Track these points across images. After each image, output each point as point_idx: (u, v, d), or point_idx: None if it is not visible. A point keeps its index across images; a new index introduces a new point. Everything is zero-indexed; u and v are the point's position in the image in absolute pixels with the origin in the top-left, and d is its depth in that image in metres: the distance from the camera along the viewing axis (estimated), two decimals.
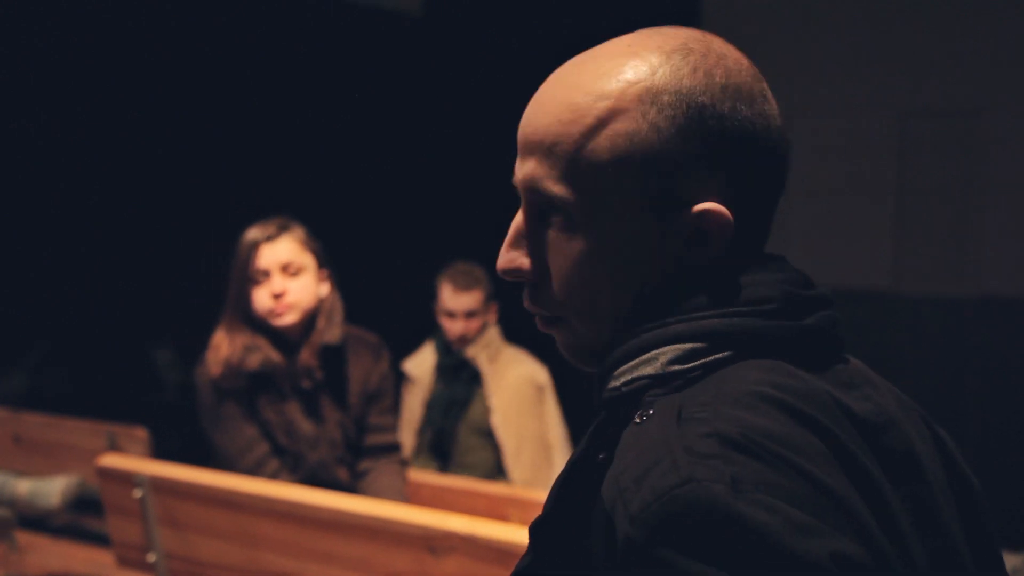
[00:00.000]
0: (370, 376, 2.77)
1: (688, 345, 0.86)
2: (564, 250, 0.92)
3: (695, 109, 0.88)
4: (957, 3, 5.99)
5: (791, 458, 0.76)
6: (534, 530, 0.94)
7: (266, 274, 2.63)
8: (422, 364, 3.92)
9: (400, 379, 3.66)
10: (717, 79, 0.89)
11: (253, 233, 2.66)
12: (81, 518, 3.15)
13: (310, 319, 2.68)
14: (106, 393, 5.15)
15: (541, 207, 0.93)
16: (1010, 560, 2.71)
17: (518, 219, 0.96)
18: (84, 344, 5.45)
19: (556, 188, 0.91)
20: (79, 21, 5.23)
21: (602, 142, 0.89)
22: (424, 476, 3.29)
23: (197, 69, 5.60)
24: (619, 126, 0.89)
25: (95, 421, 3.37)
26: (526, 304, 0.97)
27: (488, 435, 3.80)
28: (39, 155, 5.21)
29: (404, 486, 2.76)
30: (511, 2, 6.55)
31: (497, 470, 3.78)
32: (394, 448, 2.81)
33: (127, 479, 2.40)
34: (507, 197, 1.03)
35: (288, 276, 2.64)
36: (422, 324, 4.08)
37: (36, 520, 3.09)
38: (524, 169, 0.93)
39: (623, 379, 0.88)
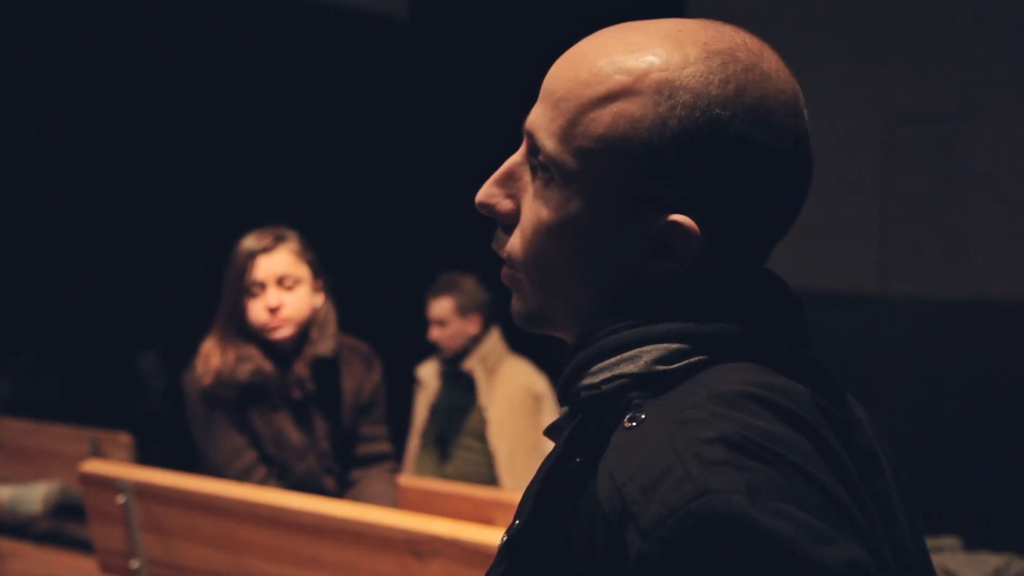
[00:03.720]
0: (362, 387, 2.75)
1: (674, 345, 0.84)
2: (537, 207, 0.90)
3: (708, 119, 0.84)
4: (943, 8, 6.01)
5: (794, 460, 0.74)
6: (511, 540, 0.89)
7: (261, 286, 2.61)
8: (431, 370, 4.01)
9: (396, 385, 3.68)
10: (747, 99, 0.85)
11: (249, 243, 2.63)
12: (64, 524, 3.14)
13: (304, 330, 2.67)
14: (90, 399, 5.13)
15: (534, 156, 0.92)
16: (992, 560, 2.72)
17: (513, 159, 0.94)
18: (68, 350, 5.42)
19: (549, 143, 0.89)
20: (71, 26, 5.21)
21: (605, 115, 0.86)
22: (409, 480, 3.28)
23: (187, 74, 5.58)
24: (627, 106, 0.86)
25: (78, 427, 3.36)
26: (493, 244, 0.96)
27: (485, 443, 3.82)
28: (25, 162, 5.18)
29: (395, 494, 2.75)
30: (498, 6, 6.55)
31: (492, 477, 3.81)
32: (385, 457, 2.80)
33: (110, 485, 2.39)
34: None
35: (283, 289, 2.62)
36: (410, 330, 4.09)
37: (18, 527, 3.07)
38: (532, 114, 0.92)
39: (602, 376, 0.85)
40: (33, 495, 2.96)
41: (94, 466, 2.49)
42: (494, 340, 3.88)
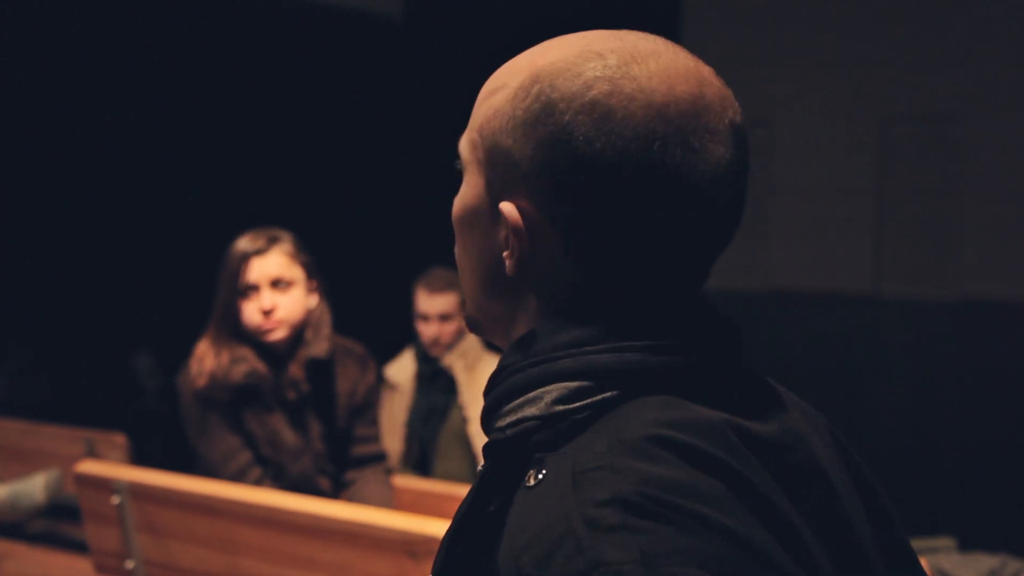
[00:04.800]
0: (357, 388, 2.76)
1: (574, 384, 0.80)
2: (454, 204, 0.93)
3: (546, 109, 0.83)
4: (938, 10, 6.02)
5: (697, 510, 0.71)
6: None
7: (255, 288, 2.61)
8: (403, 371, 3.90)
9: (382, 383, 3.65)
10: (593, 93, 0.82)
11: (243, 245, 2.63)
12: (59, 525, 3.13)
13: (298, 332, 2.67)
14: (85, 399, 5.12)
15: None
16: (987, 561, 2.73)
17: None
18: (63, 350, 5.42)
19: (461, 140, 0.93)
20: (70, 26, 5.21)
21: (482, 109, 0.90)
22: (404, 481, 3.28)
23: (181, 74, 5.58)
24: (496, 99, 0.88)
25: (73, 427, 3.35)
26: None
27: (466, 444, 3.79)
28: (22, 163, 5.18)
29: (390, 495, 2.75)
30: (491, 7, 6.56)
31: (475, 478, 3.77)
32: (380, 458, 2.81)
33: (105, 485, 2.38)
34: None
35: (278, 291, 2.61)
36: (401, 330, 4.07)
37: (13, 527, 3.07)
38: None
39: (508, 420, 0.82)
40: (33, 487, 2.96)
41: (89, 467, 2.49)
42: (472, 337, 3.86)
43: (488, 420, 0.86)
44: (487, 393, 0.87)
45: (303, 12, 6.11)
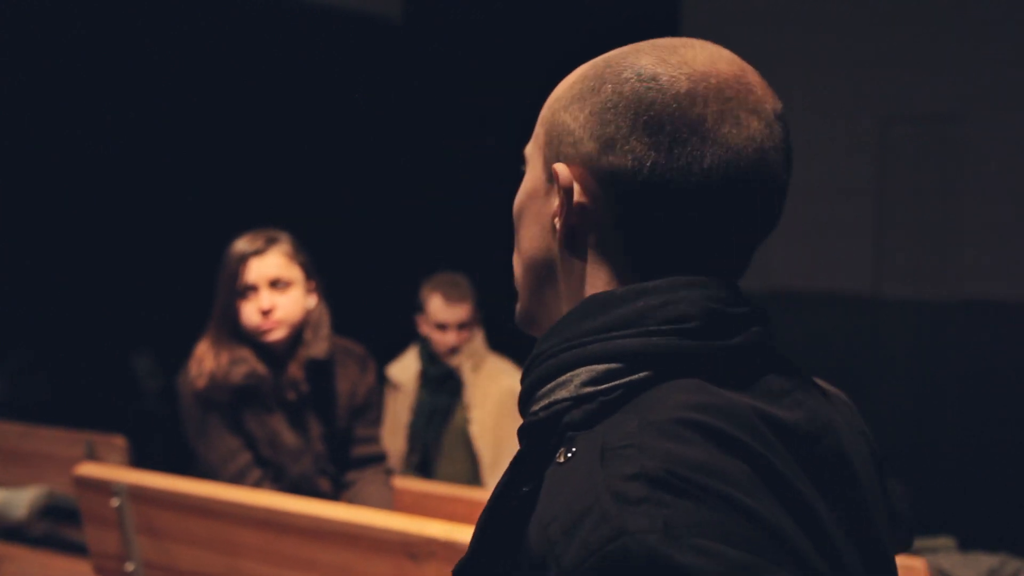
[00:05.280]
0: (357, 388, 2.75)
1: (603, 366, 0.83)
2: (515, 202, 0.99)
3: (600, 80, 0.90)
4: (938, 10, 6.02)
5: (722, 490, 0.74)
6: (458, 571, 0.90)
7: (254, 289, 2.60)
8: (406, 370, 3.90)
9: (383, 385, 3.64)
10: (643, 63, 0.89)
11: (241, 246, 2.63)
12: (59, 527, 3.13)
13: (297, 332, 2.67)
14: (84, 401, 5.12)
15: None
16: (987, 561, 2.72)
17: None
18: (63, 352, 5.42)
19: (527, 148, 0.98)
20: (69, 27, 5.20)
21: (545, 109, 0.96)
22: (404, 482, 3.28)
23: (180, 75, 5.58)
24: (556, 91, 0.95)
25: (73, 430, 3.35)
26: None
27: (469, 445, 3.79)
28: (21, 164, 5.18)
29: (391, 496, 2.75)
30: (491, 9, 6.55)
31: (477, 480, 3.77)
32: (380, 459, 2.81)
33: (105, 488, 2.38)
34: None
35: (276, 291, 2.61)
36: (401, 330, 4.06)
37: (13, 530, 3.07)
38: None
39: (541, 403, 0.86)
40: (19, 500, 2.95)
41: (89, 469, 2.49)
42: (478, 338, 3.87)
43: (524, 406, 0.90)
44: (523, 380, 0.91)
45: (302, 13, 6.10)
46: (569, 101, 0.91)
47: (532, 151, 0.96)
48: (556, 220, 0.90)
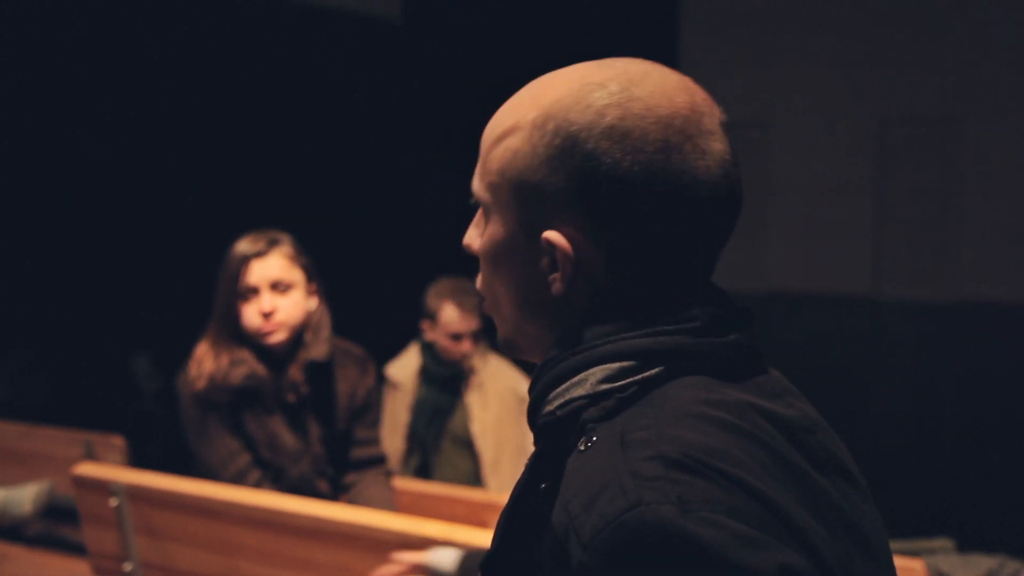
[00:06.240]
0: (356, 390, 2.75)
1: (617, 364, 0.89)
2: (480, 242, 1.00)
3: (568, 142, 0.90)
4: (938, 11, 6.02)
5: (733, 473, 0.79)
6: (483, 568, 0.95)
7: (255, 291, 2.60)
8: (405, 369, 3.88)
9: (382, 384, 3.64)
10: (608, 119, 0.90)
11: (242, 247, 2.63)
12: (57, 527, 3.13)
13: (298, 334, 2.67)
14: (83, 401, 5.12)
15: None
16: (985, 562, 2.73)
17: None
18: (63, 351, 5.41)
19: (474, 183, 1.00)
20: (68, 27, 5.20)
21: (498, 152, 0.96)
22: (403, 483, 3.28)
23: (179, 76, 5.58)
24: (511, 141, 0.95)
25: (72, 430, 3.35)
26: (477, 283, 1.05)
27: (469, 445, 3.79)
28: (19, 163, 5.17)
29: (392, 497, 2.75)
30: (490, 10, 6.55)
31: (477, 480, 3.77)
32: (380, 460, 2.80)
33: (103, 488, 2.38)
34: None
35: (277, 293, 2.61)
36: (401, 331, 4.06)
37: (11, 530, 3.07)
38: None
39: (557, 403, 0.90)
40: (23, 496, 2.95)
41: (87, 469, 2.49)
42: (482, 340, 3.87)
43: (535, 410, 0.94)
44: (532, 386, 0.95)
45: (302, 13, 6.10)
46: (534, 160, 0.92)
47: (490, 199, 0.97)
48: (553, 278, 0.93)
